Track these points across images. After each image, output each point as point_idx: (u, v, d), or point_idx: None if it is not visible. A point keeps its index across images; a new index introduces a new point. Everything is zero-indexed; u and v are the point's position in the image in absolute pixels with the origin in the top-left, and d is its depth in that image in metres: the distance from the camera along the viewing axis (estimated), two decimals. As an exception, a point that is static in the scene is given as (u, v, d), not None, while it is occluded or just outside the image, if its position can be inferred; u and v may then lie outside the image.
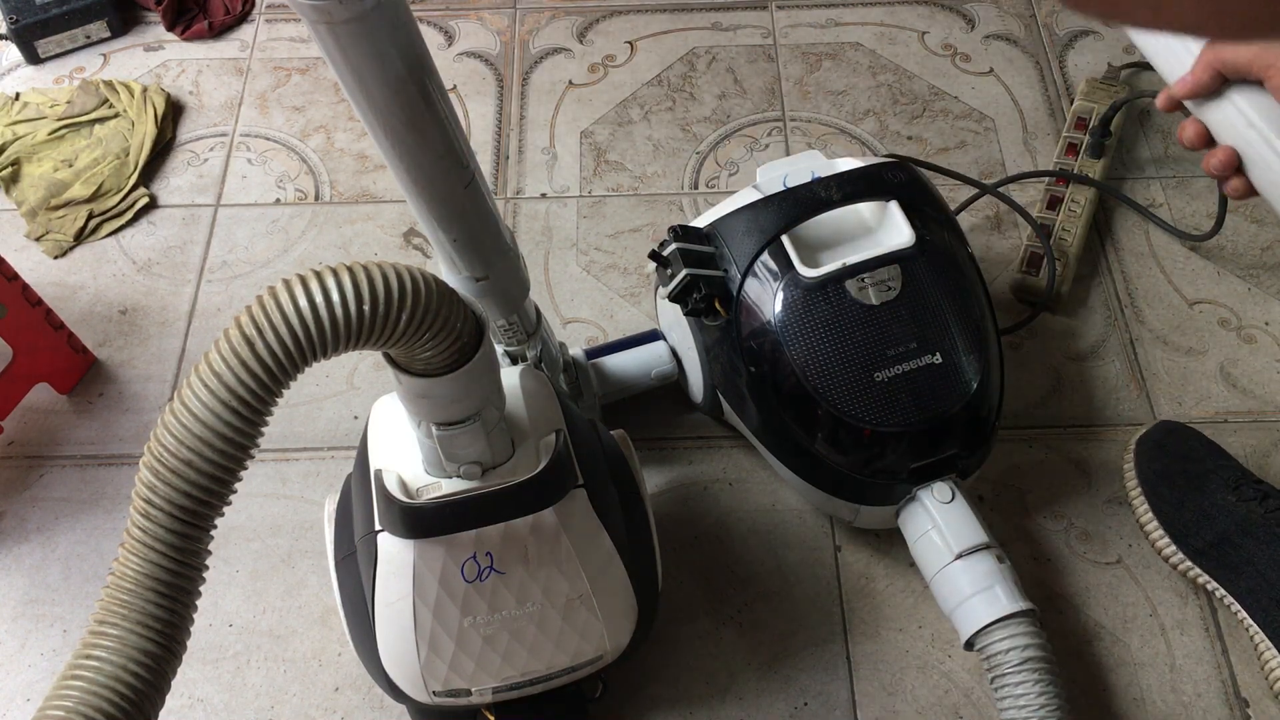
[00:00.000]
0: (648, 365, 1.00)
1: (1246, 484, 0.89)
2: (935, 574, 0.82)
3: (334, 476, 1.01)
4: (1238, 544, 0.87)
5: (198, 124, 1.27)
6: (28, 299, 0.98)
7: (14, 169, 1.20)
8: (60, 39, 1.32)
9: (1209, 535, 0.88)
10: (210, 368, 0.48)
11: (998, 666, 0.78)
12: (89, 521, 0.99)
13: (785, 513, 0.98)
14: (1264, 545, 0.86)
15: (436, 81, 0.56)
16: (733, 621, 0.92)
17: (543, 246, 1.16)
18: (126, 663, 0.47)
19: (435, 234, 0.65)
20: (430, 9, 1.37)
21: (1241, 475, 0.90)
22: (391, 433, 0.69)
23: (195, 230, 1.18)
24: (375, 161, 1.23)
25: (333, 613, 0.93)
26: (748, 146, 1.23)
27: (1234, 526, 0.87)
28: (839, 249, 0.87)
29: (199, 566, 0.50)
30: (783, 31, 1.34)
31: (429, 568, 0.67)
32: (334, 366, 1.08)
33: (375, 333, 0.50)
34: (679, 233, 0.87)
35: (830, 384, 0.83)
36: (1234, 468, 0.91)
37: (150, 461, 0.48)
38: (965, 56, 1.31)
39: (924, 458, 0.84)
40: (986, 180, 1.18)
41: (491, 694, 0.77)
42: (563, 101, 1.28)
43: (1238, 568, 0.87)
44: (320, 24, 0.50)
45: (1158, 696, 0.88)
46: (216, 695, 0.89)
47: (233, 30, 1.36)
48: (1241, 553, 0.87)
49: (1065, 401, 1.04)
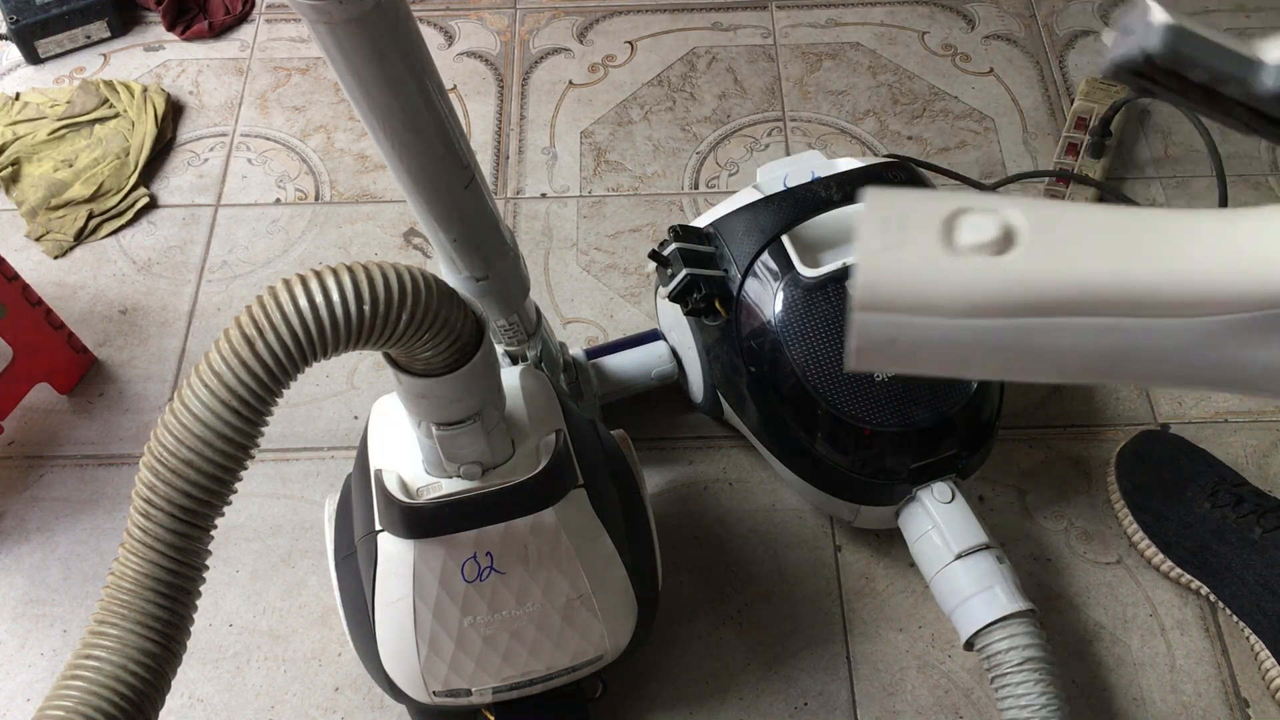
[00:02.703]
0: (648, 365, 1.00)
1: (1223, 489, 0.89)
2: (935, 574, 0.82)
3: (334, 476, 1.01)
4: (1216, 551, 0.87)
5: (198, 124, 1.27)
6: (28, 299, 0.98)
7: (14, 169, 1.20)
8: (60, 39, 1.32)
9: (1190, 544, 0.89)
10: (210, 368, 0.48)
11: (998, 666, 0.78)
12: (89, 521, 0.99)
13: (785, 513, 0.98)
14: (1238, 550, 0.86)
15: (436, 81, 0.56)
16: (733, 621, 0.92)
17: (543, 246, 1.16)
18: (126, 663, 0.47)
19: (435, 234, 0.65)
20: (430, 9, 1.37)
21: (1219, 481, 0.90)
22: (391, 433, 0.69)
23: (195, 230, 1.18)
24: (375, 161, 1.23)
25: (333, 613, 0.93)
26: (748, 146, 1.23)
27: (1210, 534, 0.87)
28: (839, 249, 0.87)
29: (199, 566, 0.50)
30: (783, 31, 1.34)
31: (429, 568, 0.67)
32: (334, 366, 1.08)
33: (375, 333, 0.50)
34: (679, 233, 0.87)
35: (830, 384, 0.83)
36: (1211, 473, 0.91)
37: (150, 461, 0.48)
38: (965, 56, 1.31)
39: (924, 458, 0.84)
40: (986, 180, 1.18)
41: (491, 694, 0.77)
42: (563, 101, 1.28)
43: (1219, 574, 0.87)
44: (320, 24, 0.50)
45: (1158, 696, 0.88)
46: (216, 695, 0.89)
47: (233, 30, 1.36)
48: (1220, 559, 0.87)
49: (1065, 401, 1.04)
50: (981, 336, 0.37)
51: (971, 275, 0.36)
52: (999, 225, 0.36)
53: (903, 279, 0.37)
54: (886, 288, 0.36)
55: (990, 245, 0.36)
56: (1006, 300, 0.36)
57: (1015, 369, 0.39)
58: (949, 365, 0.39)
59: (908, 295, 0.36)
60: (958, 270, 0.36)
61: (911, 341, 0.37)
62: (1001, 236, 0.36)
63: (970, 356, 0.38)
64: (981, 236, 0.36)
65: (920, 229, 0.37)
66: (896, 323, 0.37)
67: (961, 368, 0.40)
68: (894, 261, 0.37)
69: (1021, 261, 0.36)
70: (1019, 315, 0.36)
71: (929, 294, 0.36)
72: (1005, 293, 0.36)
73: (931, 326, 0.37)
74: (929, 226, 0.37)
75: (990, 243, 0.36)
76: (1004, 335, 0.37)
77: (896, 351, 0.38)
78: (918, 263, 0.36)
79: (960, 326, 0.36)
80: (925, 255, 0.37)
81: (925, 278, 0.36)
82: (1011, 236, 0.36)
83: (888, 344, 0.37)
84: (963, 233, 0.37)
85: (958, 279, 0.36)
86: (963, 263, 0.36)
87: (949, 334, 0.37)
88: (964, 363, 0.39)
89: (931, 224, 0.37)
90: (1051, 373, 0.39)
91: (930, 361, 0.39)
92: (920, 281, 0.36)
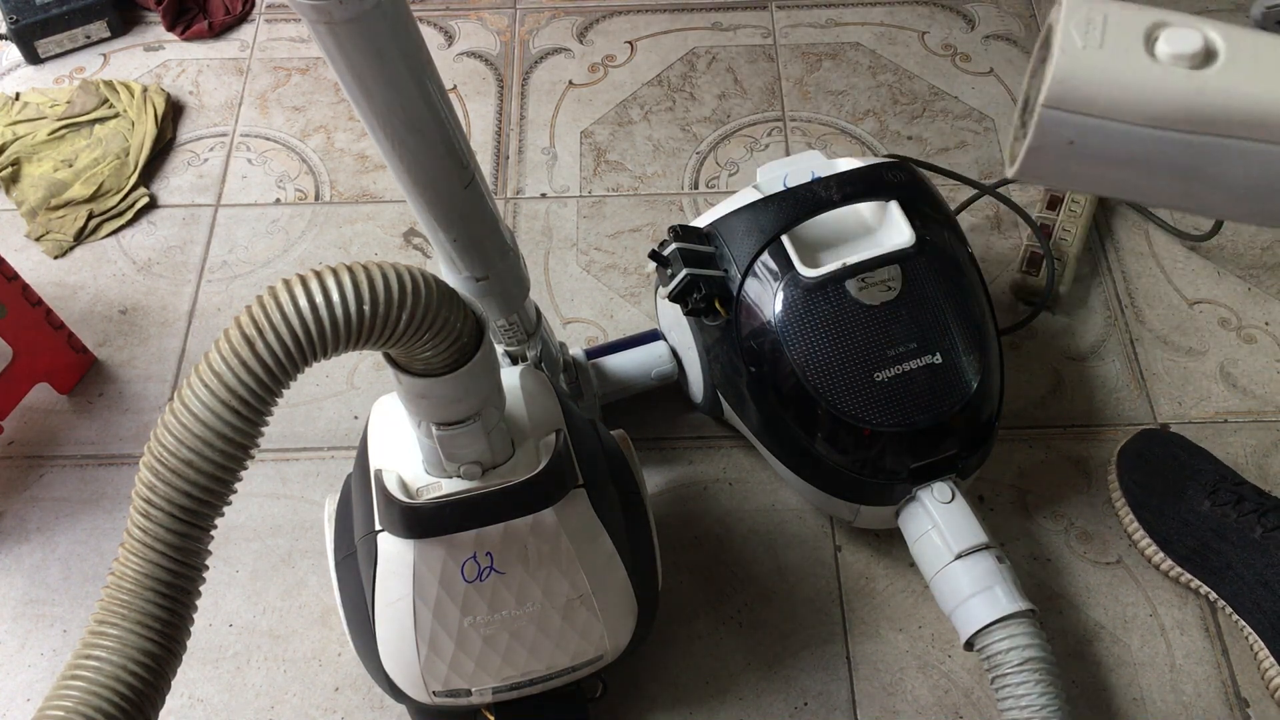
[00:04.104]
0: (648, 365, 1.00)
1: (1224, 488, 0.89)
2: (935, 574, 0.82)
3: (334, 476, 1.01)
4: (1216, 549, 0.87)
5: (198, 124, 1.27)
6: (28, 299, 0.98)
7: (14, 169, 1.20)
8: (60, 39, 1.32)
9: (1190, 542, 0.89)
10: (210, 368, 0.48)
11: (998, 667, 0.78)
12: (89, 521, 0.99)
13: (785, 513, 0.98)
14: (1239, 549, 0.86)
15: (436, 81, 0.56)
16: (733, 621, 0.92)
17: (543, 246, 1.16)
18: (126, 663, 0.47)
19: (435, 234, 0.65)
20: (430, 9, 1.37)
21: (1220, 479, 0.90)
22: (391, 433, 0.69)
23: (195, 230, 1.18)
24: (375, 161, 1.23)
25: (333, 613, 0.93)
26: (748, 146, 1.23)
27: (1211, 533, 0.87)
28: (839, 249, 0.87)
29: (199, 566, 0.50)
30: (783, 31, 1.34)
31: (429, 568, 0.67)
32: (334, 366, 1.08)
33: (375, 333, 0.50)
34: (679, 233, 0.87)
35: (830, 384, 0.83)
36: (1212, 472, 0.91)
37: (150, 461, 0.48)
38: (965, 56, 1.31)
39: (924, 458, 0.84)
40: (986, 180, 1.18)
41: (491, 694, 0.77)
42: (563, 101, 1.28)
43: (1220, 573, 0.87)
44: (320, 24, 0.50)
45: (1158, 696, 0.88)
46: (216, 695, 0.89)
47: (233, 30, 1.36)
48: (1221, 558, 0.87)
49: (1065, 401, 1.04)
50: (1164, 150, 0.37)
51: (1171, 83, 0.36)
52: (1201, 40, 0.37)
53: (1103, 79, 0.37)
54: (1084, 86, 0.37)
55: (1192, 58, 0.37)
56: (1201, 113, 0.36)
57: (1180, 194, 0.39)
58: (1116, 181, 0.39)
59: (1105, 96, 0.37)
60: (1158, 78, 0.37)
61: (1091, 146, 0.37)
62: (1203, 50, 0.37)
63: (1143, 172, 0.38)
64: (1184, 48, 0.37)
65: (1124, 32, 0.37)
66: (1083, 124, 0.37)
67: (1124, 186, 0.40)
68: (1095, 60, 0.37)
69: (1221, 77, 0.36)
70: (1209, 132, 0.36)
71: (1127, 97, 0.37)
72: (1202, 105, 0.36)
73: (1117, 133, 0.37)
74: (1133, 31, 0.37)
75: (1192, 55, 0.37)
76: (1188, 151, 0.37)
77: (1071, 154, 0.38)
78: (1119, 65, 0.37)
79: (1146, 136, 0.37)
80: (1127, 59, 0.37)
81: (1125, 81, 0.37)
82: (1213, 52, 0.37)
83: (1065, 145, 0.38)
84: (1165, 43, 0.37)
85: (1157, 86, 0.36)
86: (1163, 71, 0.37)
87: (1132, 143, 0.37)
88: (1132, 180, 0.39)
89: (1135, 29, 0.37)
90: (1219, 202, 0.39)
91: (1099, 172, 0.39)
92: (1120, 84, 0.37)
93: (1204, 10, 1.33)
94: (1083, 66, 0.37)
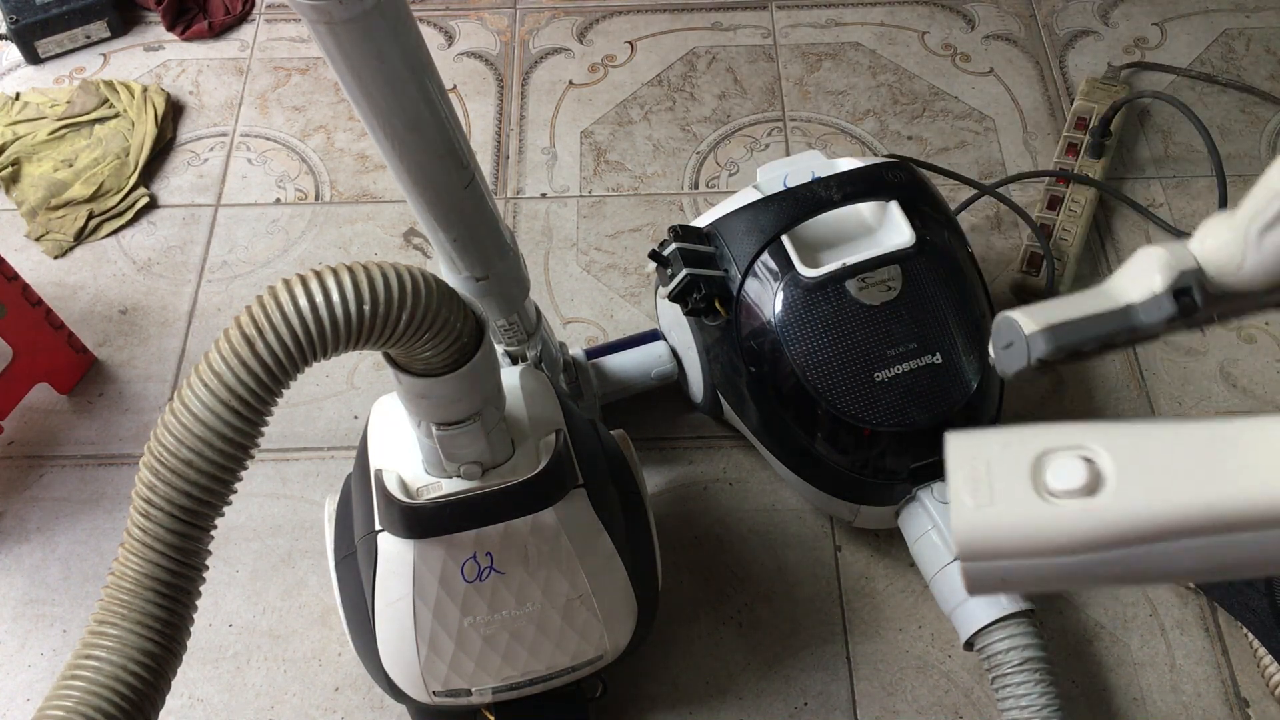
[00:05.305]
0: (648, 365, 1.00)
1: None
2: (935, 574, 0.82)
3: (334, 476, 1.01)
4: None
5: (198, 124, 1.27)
6: (28, 299, 0.98)
7: (14, 169, 1.20)
8: (60, 39, 1.32)
9: None
10: (210, 368, 0.48)
11: (998, 666, 0.78)
12: (89, 521, 0.99)
13: (785, 513, 0.98)
14: None
15: (436, 81, 0.56)
16: (733, 621, 0.92)
17: (543, 246, 1.16)
18: (126, 663, 0.47)
19: (435, 234, 0.65)
20: (430, 9, 1.37)
21: None
22: (391, 433, 0.69)
23: (195, 230, 1.18)
24: (375, 161, 1.23)
25: (333, 613, 0.93)
26: (748, 146, 1.23)
27: None
28: (839, 249, 0.87)
29: (199, 566, 0.50)
30: (783, 31, 1.34)
31: (429, 568, 0.67)
32: (334, 366, 1.08)
33: (375, 333, 0.50)
34: (679, 233, 0.87)
35: (830, 384, 0.83)
36: None
37: (150, 461, 0.48)
38: (965, 56, 1.31)
39: (924, 458, 0.84)
40: (986, 180, 1.18)
41: (491, 694, 0.77)
42: (563, 101, 1.28)
43: None
44: (320, 24, 0.50)
45: (1158, 696, 0.88)
46: (216, 695, 0.89)
47: (233, 30, 1.36)
48: None
49: (1065, 401, 1.04)
50: (1090, 567, 0.38)
51: (1068, 520, 0.38)
52: (1085, 466, 0.38)
53: (1001, 533, 0.38)
54: (986, 542, 0.38)
55: (1080, 489, 0.38)
56: (1107, 537, 0.37)
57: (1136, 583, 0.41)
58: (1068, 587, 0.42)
59: (1009, 545, 0.38)
60: (1054, 517, 0.38)
61: (1023, 578, 0.39)
62: (1090, 479, 0.38)
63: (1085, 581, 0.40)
64: (1070, 482, 0.38)
65: (1010, 480, 0.39)
66: (1004, 566, 0.38)
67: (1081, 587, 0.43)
68: (990, 517, 0.38)
69: (1114, 501, 0.37)
70: (1122, 547, 0.37)
71: (1030, 542, 0.38)
72: (1104, 531, 0.37)
73: (1039, 565, 0.38)
74: (1019, 475, 0.39)
75: (1080, 487, 0.38)
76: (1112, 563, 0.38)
77: (1010, 586, 0.40)
78: (1013, 517, 0.38)
79: (1067, 562, 0.38)
80: (1019, 508, 0.38)
81: (1023, 529, 0.38)
82: (1099, 476, 0.38)
83: (1000, 583, 0.39)
84: (1051, 478, 0.38)
85: (1056, 526, 0.38)
86: (1058, 510, 0.38)
87: (1057, 568, 0.38)
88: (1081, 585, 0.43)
89: (1020, 472, 0.39)
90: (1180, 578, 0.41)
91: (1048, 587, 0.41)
92: (1019, 533, 0.38)
93: (1204, 10, 1.33)
94: (982, 525, 0.38)
